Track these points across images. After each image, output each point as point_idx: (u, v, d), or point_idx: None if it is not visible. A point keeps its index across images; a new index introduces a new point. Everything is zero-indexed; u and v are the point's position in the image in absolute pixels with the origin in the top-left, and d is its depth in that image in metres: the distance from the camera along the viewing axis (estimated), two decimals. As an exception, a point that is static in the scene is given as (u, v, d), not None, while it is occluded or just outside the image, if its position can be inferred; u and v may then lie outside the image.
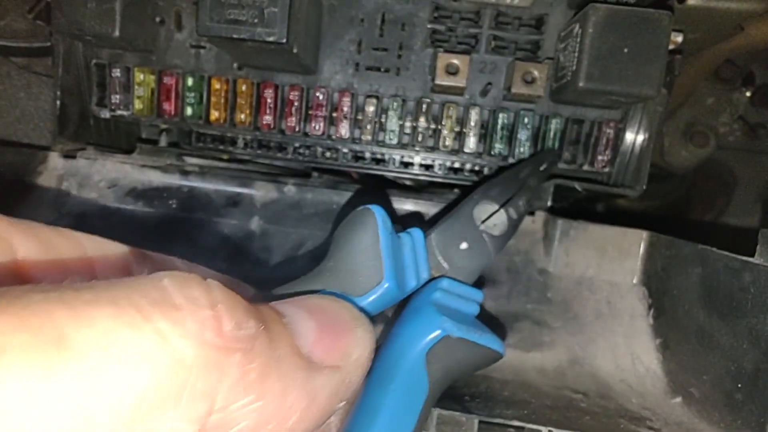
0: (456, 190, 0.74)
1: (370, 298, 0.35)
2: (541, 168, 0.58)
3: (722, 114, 0.97)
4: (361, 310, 0.33)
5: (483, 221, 0.48)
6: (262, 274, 0.62)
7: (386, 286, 0.35)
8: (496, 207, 0.50)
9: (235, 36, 0.55)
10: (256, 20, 0.55)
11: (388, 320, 0.43)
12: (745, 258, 0.44)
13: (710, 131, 0.95)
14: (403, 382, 0.35)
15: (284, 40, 0.55)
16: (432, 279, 0.43)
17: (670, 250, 0.58)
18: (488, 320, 0.56)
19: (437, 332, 0.37)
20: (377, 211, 0.38)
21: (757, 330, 0.41)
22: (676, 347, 0.53)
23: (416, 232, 0.43)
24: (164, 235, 0.63)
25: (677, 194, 1.16)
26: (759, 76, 0.97)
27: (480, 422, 0.42)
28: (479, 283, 0.46)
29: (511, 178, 0.54)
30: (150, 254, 0.32)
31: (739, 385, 0.43)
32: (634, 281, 0.61)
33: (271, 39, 0.55)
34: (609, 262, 0.62)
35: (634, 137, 0.68)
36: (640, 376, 0.54)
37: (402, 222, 0.48)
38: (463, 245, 0.46)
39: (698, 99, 0.96)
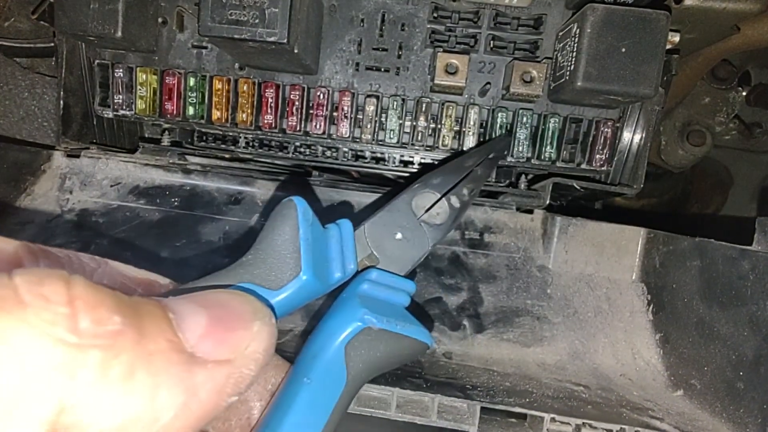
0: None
1: (288, 291, 0.35)
2: (490, 156, 0.58)
3: (718, 113, 0.98)
4: (268, 303, 0.32)
5: (424, 211, 0.48)
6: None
7: (304, 278, 0.35)
8: (437, 196, 0.49)
9: (236, 36, 0.56)
10: (257, 20, 0.55)
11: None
12: (743, 246, 0.44)
13: (706, 130, 0.96)
14: (320, 373, 0.35)
15: (285, 41, 0.56)
16: (362, 270, 0.43)
17: (667, 245, 0.58)
18: (418, 311, 0.57)
19: (356, 324, 0.37)
20: (298, 203, 0.38)
21: (758, 317, 0.42)
22: (677, 341, 0.54)
23: (345, 224, 0.43)
24: (166, 233, 0.64)
25: (674, 192, 1.17)
26: (755, 76, 0.98)
27: (482, 408, 0.43)
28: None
29: (455, 167, 0.53)
30: (53, 251, 0.31)
31: (741, 373, 0.43)
32: (633, 278, 0.61)
33: (271, 39, 0.55)
34: (608, 259, 0.62)
35: (631, 136, 0.69)
36: (640, 370, 0.55)
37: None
38: (398, 235, 0.46)
39: (695, 98, 0.97)
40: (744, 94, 0.98)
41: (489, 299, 0.60)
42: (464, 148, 0.70)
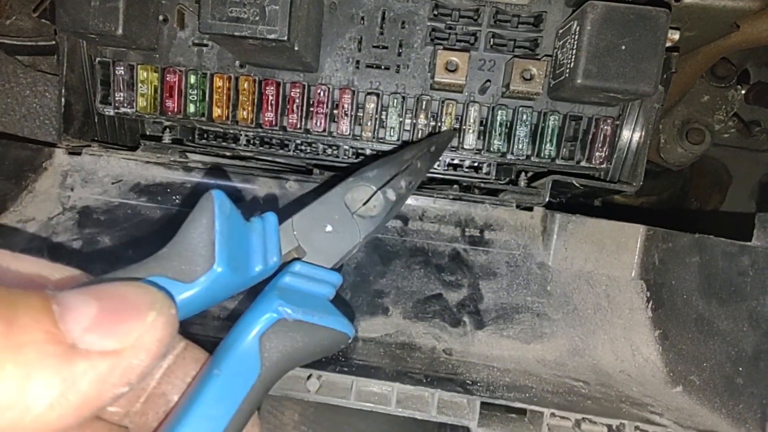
0: (455, 186, 0.75)
1: (201, 284, 0.34)
2: (432, 149, 0.59)
3: (717, 111, 0.98)
4: (170, 294, 0.32)
5: (358, 204, 0.48)
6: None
7: (218, 270, 0.35)
8: (373, 189, 0.49)
9: (236, 33, 0.56)
10: (257, 18, 0.55)
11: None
12: (742, 242, 0.45)
13: (706, 128, 0.96)
14: (231, 365, 0.35)
15: (285, 38, 0.56)
16: (288, 263, 0.43)
17: (667, 242, 0.59)
18: (344, 303, 0.57)
19: (270, 315, 0.37)
20: (216, 196, 0.38)
21: (757, 312, 0.42)
22: (676, 337, 0.54)
23: (269, 217, 0.43)
24: (167, 230, 0.64)
25: (673, 190, 1.17)
26: (754, 74, 0.98)
27: (482, 404, 0.43)
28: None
29: (392, 160, 0.53)
30: None
31: (740, 369, 0.44)
32: (632, 275, 0.62)
33: (272, 36, 0.56)
34: (607, 256, 0.63)
35: (630, 134, 0.69)
36: (639, 366, 0.55)
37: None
38: (328, 228, 0.46)
39: (694, 96, 0.97)
40: (743, 92, 0.98)
41: (489, 296, 0.60)
42: (464, 146, 0.71)
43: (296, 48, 0.59)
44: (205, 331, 0.54)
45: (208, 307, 0.37)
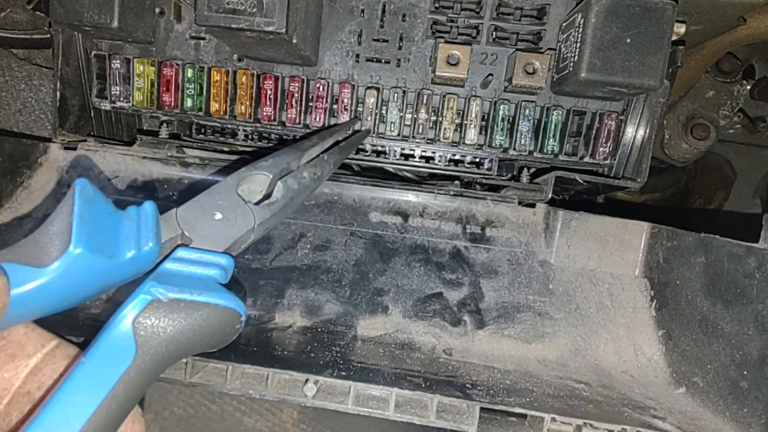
0: (457, 182, 0.74)
1: (57, 266, 0.33)
2: (342, 145, 0.58)
3: (723, 107, 0.97)
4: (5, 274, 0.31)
5: (252, 193, 0.47)
6: (262, 265, 0.62)
7: (76, 252, 0.34)
8: (269, 177, 0.48)
9: (233, 26, 0.55)
10: (254, 9, 0.54)
11: None
12: (749, 244, 0.44)
13: (711, 124, 0.95)
14: (101, 351, 0.34)
15: (283, 30, 0.55)
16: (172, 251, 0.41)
17: (671, 240, 0.58)
18: (238, 286, 0.56)
19: (141, 297, 0.35)
20: (78, 183, 0.37)
21: (763, 316, 0.41)
22: (679, 338, 0.53)
23: (147, 205, 0.41)
24: (164, 227, 0.63)
25: (677, 187, 1.16)
26: (759, 69, 0.97)
27: (482, 409, 0.42)
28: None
29: (289, 150, 0.53)
30: None
31: (745, 373, 0.43)
32: (636, 273, 0.61)
33: (269, 29, 0.54)
34: (610, 254, 0.62)
35: (635, 129, 0.68)
36: (642, 367, 0.54)
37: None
38: (218, 216, 0.44)
39: (699, 92, 0.95)
40: (748, 87, 0.96)
41: (490, 294, 0.59)
42: (466, 141, 0.69)
43: (294, 41, 0.58)
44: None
45: (78, 296, 0.36)
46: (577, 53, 0.60)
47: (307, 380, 0.46)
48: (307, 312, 0.55)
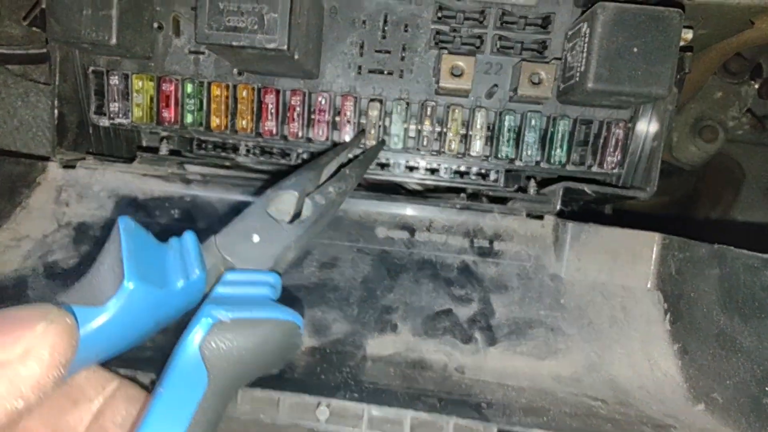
0: (463, 194, 0.73)
1: (115, 302, 0.33)
2: (360, 157, 0.59)
3: (731, 108, 0.96)
4: (72, 313, 0.31)
5: (282, 212, 0.47)
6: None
7: (130, 286, 0.34)
8: (296, 195, 0.49)
9: (234, 44, 0.54)
10: (255, 27, 0.53)
11: None
12: (765, 255, 0.43)
13: (719, 125, 0.94)
14: (174, 381, 0.34)
15: (285, 47, 0.53)
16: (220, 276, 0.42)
17: (684, 252, 0.56)
18: (295, 301, 0.56)
19: (204, 321, 0.36)
20: (121, 221, 0.37)
21: (785, 334, 0.40)
22: (696, 352, 0.52)
23: (187, 235, 0.42)
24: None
25: (685, 190, 1.15)
26: (766, 69, 0.96)
27: (499, 431, 0.41)
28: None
29: (309, 167, 0.53)
30: None
31: (767, 389, 0.42)
32: (649, 285, 0.60)
33: (271, 46, 0.53)
34: (622, 266, 0.60)
35: (644, 137, 0.67)
36: (659, 382, 0.53)
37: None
38: (255, 238, 0.45)
39: (706, 93, 0.94)
40: (756, 87, 0.95)
41: (501, 310, 0.58)
42: (471, 153, 0.68)
43: (296, 57, 0.57)
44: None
45: (137, 333, 0.36)
46: (583, 63, 0.59)
47: (319, 403, 0.45)
48: (315, 332, 0.54)
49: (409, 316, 0.57)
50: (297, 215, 0.48)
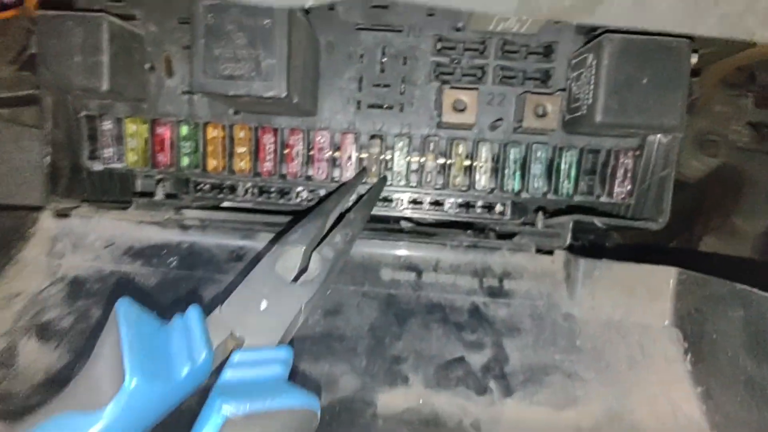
0: (469, 231, 0.71)
1: (114, 407, 0.31)
2: (364, 199, 0.57)
3: (731, 120, 0.94)
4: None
5: (290, 270, 0.45)
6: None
7: (132, 385, 0.31)
8: (302, 249, 0.46)
9: (231, 93, 0.52)
10: (252, 74, 0.51)
11: None
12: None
13: (720, 139, 0.92)
14: None
15: (284, 94, 0.51)
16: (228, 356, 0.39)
17: (703, 288, 0.54)
18: (302, 377, 0.51)
19: (214, 418, 0.33)
20: (118, 307, 0.34)
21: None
22: (721, 398, 0.50)
23: (191, 311, 0.39)
24: (165, 297, 0.60)
25: (687, 203, 1.13)
26: (759, 77, 0.94)
27: None
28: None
29: (312, 216, 0.51)
30: None
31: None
32: (666, 323, 0.57)
33: (270, 94, 0.51)
34: (638, 303, 0.58)
35: (653, 165, 0.65)
36: (683, 428, 0.51)
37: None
38: (263, 305, 0.42)
39: (707, 107, 0.93)
40: (752, 97, 0.94)
41: (515, 355, 0.56)
42: (476, 187, 0.66)
43: (296, 101, 0.55)
44: None
45: (139, 429, 0.33)
46: (591, 95, 0.57)
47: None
48: (323, 388, 0.52)
49: (420, 365, 0.55)
50: (304, 271, 0.46)
